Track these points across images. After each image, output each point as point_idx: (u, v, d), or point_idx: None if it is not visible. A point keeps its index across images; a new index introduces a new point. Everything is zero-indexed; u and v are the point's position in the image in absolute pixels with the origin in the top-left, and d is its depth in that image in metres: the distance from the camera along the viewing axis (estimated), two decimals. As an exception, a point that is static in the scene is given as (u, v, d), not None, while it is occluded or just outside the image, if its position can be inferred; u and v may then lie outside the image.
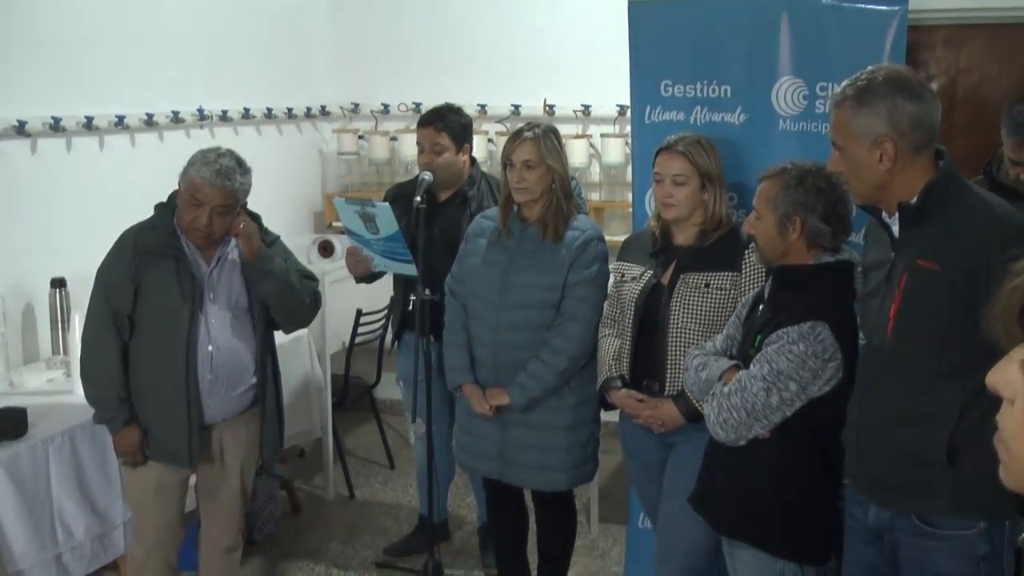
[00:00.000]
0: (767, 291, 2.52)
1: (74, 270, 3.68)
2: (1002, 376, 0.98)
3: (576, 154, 4.90)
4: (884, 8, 3.07)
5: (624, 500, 3.75)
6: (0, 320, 3.51)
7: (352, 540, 4.28)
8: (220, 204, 2.89)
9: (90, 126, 4.04)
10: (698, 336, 2.79)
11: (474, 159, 3.82)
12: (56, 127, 3.87)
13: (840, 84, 2.21)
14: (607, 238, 3.22)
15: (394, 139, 5.44)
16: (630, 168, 3.87)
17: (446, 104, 3.78)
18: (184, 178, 2.92)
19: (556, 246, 3.08)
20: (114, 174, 4.15)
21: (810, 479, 2.43)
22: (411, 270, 3.46)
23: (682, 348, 2.80)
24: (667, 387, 2.85)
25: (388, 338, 4.36)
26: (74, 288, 3.69)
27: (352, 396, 4.77)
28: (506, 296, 3.11)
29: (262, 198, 3.15)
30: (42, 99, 3.84)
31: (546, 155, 3.06)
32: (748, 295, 2.69)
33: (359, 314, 4.60)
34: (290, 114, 5.40)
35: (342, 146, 5.51)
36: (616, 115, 5.04)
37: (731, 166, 2.98)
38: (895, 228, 2.20)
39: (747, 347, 2.48)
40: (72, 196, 3.96)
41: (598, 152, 5.15)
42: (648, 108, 3.36)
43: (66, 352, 3.65)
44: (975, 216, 2.08)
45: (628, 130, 4.09)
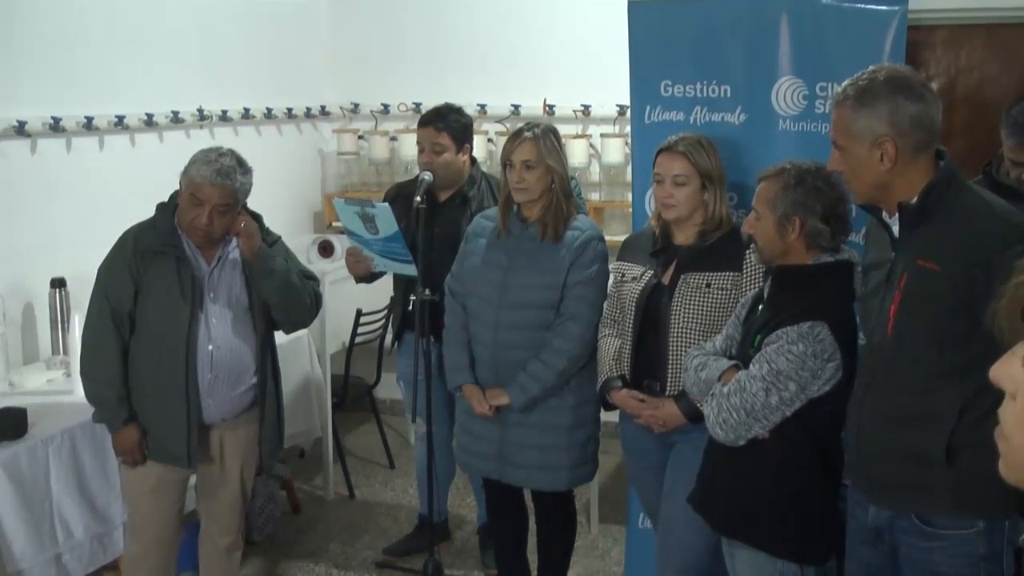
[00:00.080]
0: (766, 291, 2.52)
1: (74, 270, 3.68)
2: (1006, 370, 1.00)
3: (576, 154, 4.91)
4: (884, 8, 3.07)
5: (624, 500, 3.75)
6: (0, 320, 3.51)
7: (352, 540, 4.28)
8: (221, 203, 2.90)
9: (90, 126, 4.04)
10: (699, 336, 2.79)
11: (474, 159, 3.82)
12: (56, 127, 3.87)
13: (840, 84, 2.21)
14: (607, 238, 3.22)
15: (394, 139, 5.44)
16: (630, 168, 3.87)
17: (446, 104, 3.78)
18: (185, 177, 2.93)
19: (556, 246, 3.08)
20: (114, 174, 4.15)
21: (809, 479, 2.43)
22: (411, 270, 3.46)
23: (683, 348, 2.79)
24: (668, 387, 2.85)
25: (388, 338, 4.36)
26: (74, 288, 3.69)
27: (352, 396, 4.77)
28: (506, 296, 3.11)
29: (262, 198, 3.15)
30: (42, 99, 3.84)
31: (546, 155, 3.06)
32: (748, 295, 2.70)
33: (359, 314, 4.60)
34: (290, 114, 5.40)
35: (342, 146, 5.51)
36: (616, 115, 5.05)
37: (731, 166, 2.98)
38: (895, 228, 2.21)
39: (746, 347, 2.48)
40: (72, 196, 3.96)
41: (598, 152, 5.15)
42: (648, 108, 3.36)
43: (66, 352, 3.65)
44: (975, 216, 2.08)
45: (628, 130, 4.09)
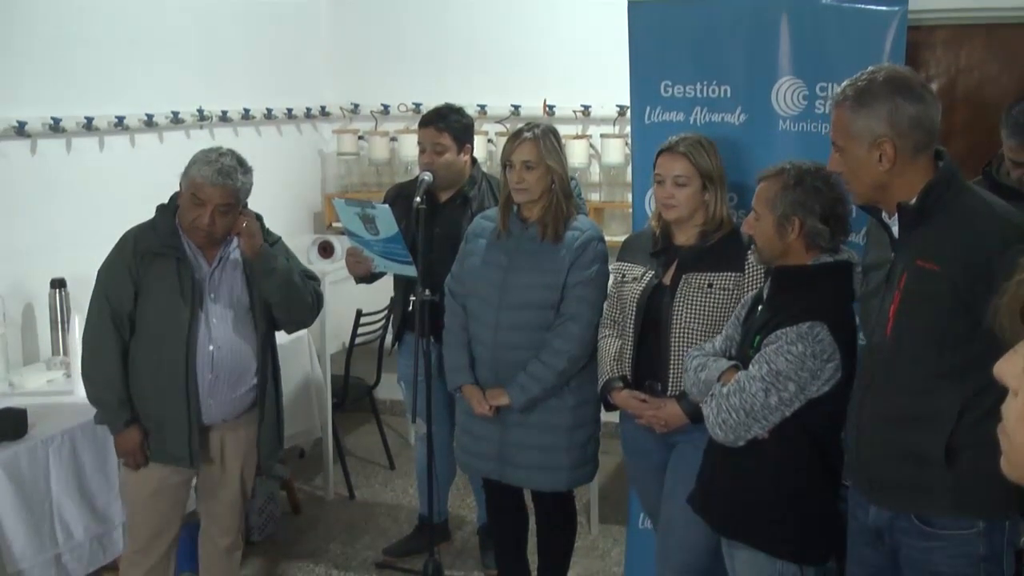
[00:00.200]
0: (766, 292, 2.52)
1: (74, 271, 3.68)
2: (1009, 367, 1.00)
3: (576, 154, 4.91)
4: (884, 8, 3.07)
5: (624, 501, 3.75)
6: (0, 321, 3.51)
7: (352, 541, 4.28)
8: (222, 203, 2.90)
9: (90, 127, 4.04)
10: (701, 336, 2.78)
11: (475, 159, 3.82)
12: (56, 128, 3.87)
13: (840, 84, 2.21)
14: (607, 238, 3.22)
15: (394, 139, 5.44)
16: (630, 168, 3.87)
17: (447, 104, 3.78)
18: (185, 178, 2.93)
19: (556, 246, 3.08)
20: (114, 175, 4.15)
21: (809, 479, 2.43)
22: (411, 271, 3.46)
23: (685, 348, 2.78)
24: (670, 387, 2.84)
25: (388, 339, 4.36)
26: (74, 289, 3.69)
27: (352, 396, 4.76)
28: (506, 296, 3.10)
29: (262, 199, 3.15)
30: (42, 99, 3.84)
31: (546, 155, 3.06)
32: (748, 295, 2.69)
33: (359, 315, 4.60)
34: (290, 115, 5.40)
35: (342, 147, 5.51)
36: (616, 115, 5.05)
37: (731, 166, 2.98)
38: (895, 229, 2.20)
39: (746, 348, 2.48)
40: (72, 197, 3.96)
41: (598, 152, 5.15)
42: (648, 108, 3.36)
43: (66, 353, 3.65)
44: (975, 216, 2.08)
45: (628, 130, 4.09)
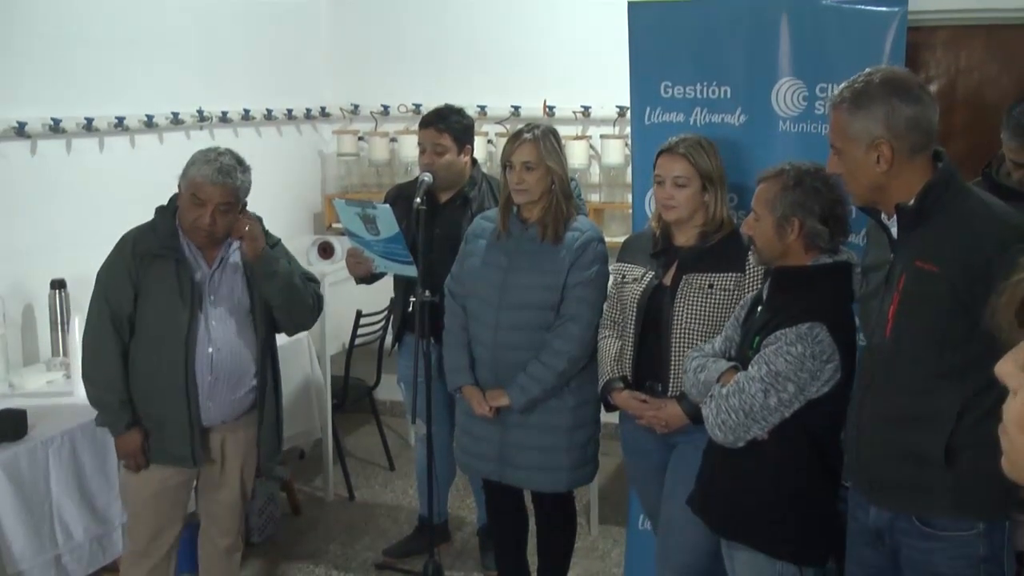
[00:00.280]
0: (765, 293, 2.52)
1: (74, 271, 3.68)
2: (1009, 367, 1.00)
3: (576, 155, 4.91)
4: (884, 9, 3.07)
5: (624, 502, 3.75)
6: (0, 321, 3.51)
7: (352, 542, 4.28)
8: (222, 202, 2.89)
9: (90, 127, 4.04)
10: (701, 337, 2.78)
11: (475, 160, 3.82)
12: (56, 128, 3.87)
13: (840, 85, 2.22)
14: (607, 239, 3.22)
15: (394, 140, 5.44)
16: (630, 169, 3.87)
17: (447, 105, 3.78)
18: (184, 179, 2.92)
19: (556, 247, 3.08)
20: (114, 175, 4.15)
21: (808, 480, 2.42)
22: (412, 271, 3.46)
23: (685, 349, 2.78)
24: (671, 388, 2.84)
25: (388, 340, 4.36)
26: (74, 290, 3.69)
27: (352, 397, 4.76)
28: (506, 297, 3.10)
29: (262, 200, 3.15)
30: (42, 100, 3.84)
31: (545, 156, 3.06)
32: (748, 296, 2.69)
33: (359, 315, 4.60)
34: (290, 115, 5.40)
35: (342, 147, 5.51)
36: (616, 116, 5.04)
37: (731, 167, 2.97)
38: (894, 230, 2.20)
39: (745, 349, 2.48)
40: (72, 197, 3.96)
41: (598, 153, 5.15)
42: (648, 109, 3.36)
43: (66, 354, 3.65)
44: (973, 217, 2.08)
45: (628, 131, 4.09)
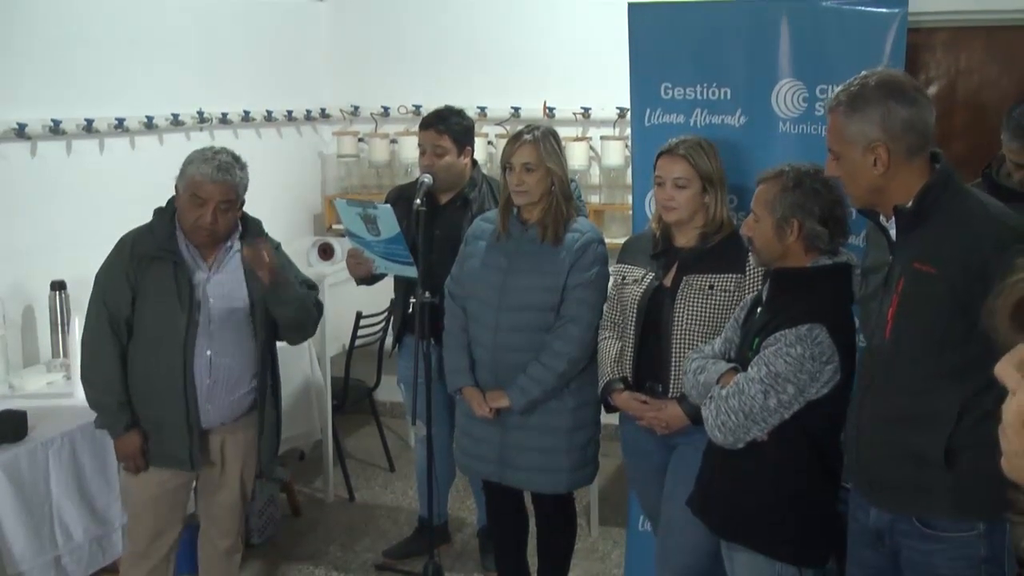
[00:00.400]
0: (764, 294, 2.52)
1: (74, 273, 3.68)
2: (1009, 368, 1.00)
3: (576, 156, 4.91)
4: (884, 10, 3.07)
5: (624, 503, 3.75)
6: (0, 322, 3.50)
7: (352, 543, 4.28)
8: (223, 200, 2.89)
9: (90, 128, 4.04)
10: (702, 337, 2.78)
11: (475, 161, 3.82)
12: (56, 130, 3.87)
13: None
14: (607, 240, 3.22)
15: (394, 141, 5.44)
16: (630, 170, 3.87)
17: (447, 106, 3.78)
18: (183, 179, 2.91)
19: (556, 248, 3.08)
20: (114, 176, 4.15)
21: (808, 481, 2.42)
22: (412, 272, 3.45)
23: (686, 350, 2.78)
24: (671, 389, 2.84)
25: (388, 341, 4.36)
26: (74, 291, 3.69)
27: (352, 399, 4.76)
28: (505, 298, 3.10)
29: (262, 201, 3.15)
30: (42, 101, 3.84)
31: (545, 158, 3.06)
32: (748, 297, 2.69)
33: (359, 316, 4.60)
34: (290, 116, 5.40)
35: (342, 149, 5.51)
36: (616, 117, 5.04)
37: (731, 168, 2.97)
38: (892, 232, 2.21)
39: (745, 350, 2.48)
40: (72, 198, 3.96)
41: (598, 154, 5.15)
42: (648, 110, 3.36)
43: (66, 355, 3.65)
44: (971, 218, 2.08)
45: (628, 132, 4.09)
